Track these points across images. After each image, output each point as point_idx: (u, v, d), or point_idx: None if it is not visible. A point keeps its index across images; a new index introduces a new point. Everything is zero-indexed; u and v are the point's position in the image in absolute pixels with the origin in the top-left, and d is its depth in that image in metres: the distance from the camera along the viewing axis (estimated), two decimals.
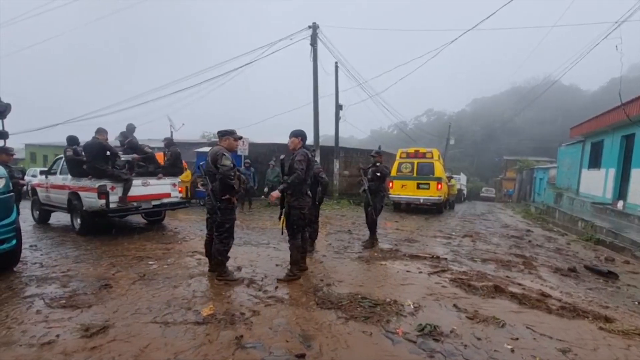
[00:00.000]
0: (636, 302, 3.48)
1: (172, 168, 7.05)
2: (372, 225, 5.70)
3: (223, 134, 3.81)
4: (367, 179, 5.61)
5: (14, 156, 5.71)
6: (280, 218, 3.86)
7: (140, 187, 6.21)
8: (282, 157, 3.97)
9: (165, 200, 6.70)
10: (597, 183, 12.21)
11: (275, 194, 3.73)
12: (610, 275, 4.33)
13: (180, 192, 7.14)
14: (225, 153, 3.57)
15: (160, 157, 7.68)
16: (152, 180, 6.47)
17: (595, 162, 13.04)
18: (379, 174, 5.64)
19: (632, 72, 44.42)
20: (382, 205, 5.84)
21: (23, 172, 5.62)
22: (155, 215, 7.30)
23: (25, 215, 7.25)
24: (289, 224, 3.83)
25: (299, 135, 3.88)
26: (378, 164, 5.73)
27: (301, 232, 3.87)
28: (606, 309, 3.24)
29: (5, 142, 3.87)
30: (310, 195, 3.95)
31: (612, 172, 11.19)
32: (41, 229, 6.68)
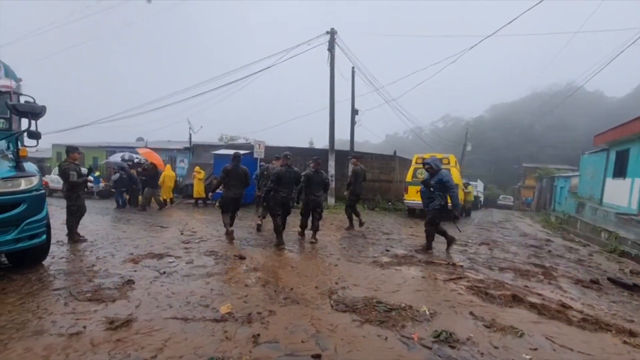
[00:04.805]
0: None
1: None
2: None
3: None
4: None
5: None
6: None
7: None
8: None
9: None
10: (622, 193, 11.74)
11: (210, 194, 6.97)
12: (636, 289, 4.17)
13: None
14: None
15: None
16: None
17: (620, 171, 12.55)
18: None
19: None
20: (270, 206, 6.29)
21: (90, 170, 6.69)
22: None
23: (52, 211, 7.56)
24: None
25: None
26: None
27: (225, 213, 6.23)
28: (631, 322, 3.13)
29: (37, 142, 4.11)
30: (235, 192, 6.15)
31: (638, 182, 10.76)
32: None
